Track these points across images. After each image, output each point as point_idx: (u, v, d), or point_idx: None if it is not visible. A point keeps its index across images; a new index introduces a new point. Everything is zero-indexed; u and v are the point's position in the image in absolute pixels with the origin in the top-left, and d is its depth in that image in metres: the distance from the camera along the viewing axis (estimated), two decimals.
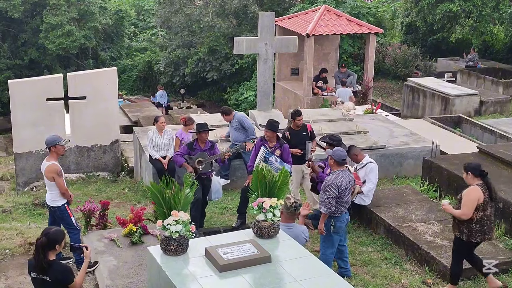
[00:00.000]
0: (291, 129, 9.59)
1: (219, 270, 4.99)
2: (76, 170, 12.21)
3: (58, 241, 5.25)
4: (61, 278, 5.23)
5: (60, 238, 5.28)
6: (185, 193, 5.29)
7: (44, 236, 5.22)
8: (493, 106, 17.36)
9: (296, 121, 9.50)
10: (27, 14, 24.38)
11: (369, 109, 15.91)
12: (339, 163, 7.15)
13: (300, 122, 9.53)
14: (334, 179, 7.04)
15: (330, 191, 6.99)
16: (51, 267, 5.20)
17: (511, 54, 23.87)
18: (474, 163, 7.00)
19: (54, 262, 5.26)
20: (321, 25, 17.64)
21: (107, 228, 8.34)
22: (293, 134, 9.41)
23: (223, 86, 23.98)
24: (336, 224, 7.12)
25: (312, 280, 4.95)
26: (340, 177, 7.08)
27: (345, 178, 7.13)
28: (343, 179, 7.08)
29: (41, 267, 5.19)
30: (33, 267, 5.29)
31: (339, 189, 7.00)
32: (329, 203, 6.99)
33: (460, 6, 19.94)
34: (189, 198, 5.34)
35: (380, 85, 22.11)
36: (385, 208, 8.92)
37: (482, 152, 10.20)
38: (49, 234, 5.23)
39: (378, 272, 7.66)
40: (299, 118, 9.48)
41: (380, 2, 28.78)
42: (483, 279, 7.31)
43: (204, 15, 23.65)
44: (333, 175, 7.14)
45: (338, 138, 8.52)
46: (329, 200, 6.99)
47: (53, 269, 5.20)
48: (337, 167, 7.17)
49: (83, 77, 12.49)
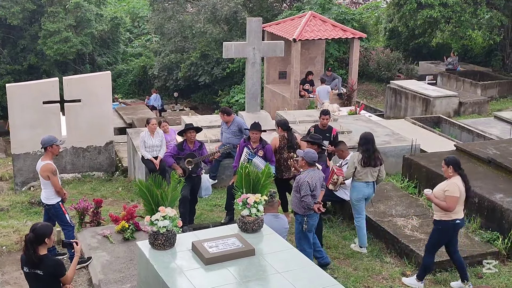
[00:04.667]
0: (317, 127, 9.77)
1: (205, 263, 5.03)
2: (72, 170, 12.33)
3: (46, 235, 5.24)
4: (53, 272, 5.27)
5: (47, 232, 5.26)
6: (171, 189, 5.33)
7: (31, 231, 5.22)
8: (472, 107, 17.70)
9: (322, 119, 9.71)
10: (26, 21, 24.53)
11: (353, 110, 16.21)
12: (310, 164, 7.24)
13: (324, 121, 9.68)
14: (305, 177, 7.12)
15: (303, 190, 7.06)
16: (42, 262, 5.22)
17: (489, 58, 24.13)
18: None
19: (46, 256, 5.28)
20: (307, 30, 17.93)
21: (101, 225, 8.43)
22: (317, 132, 9.51)
23: (215, 89, 24.17)
24: (309, 223, 7.24)
25: (294, 271, 4.98)
26: (311, 176, 7.16)
27: (315, 176, 7.22)
28: (314, 177, 7.17)
29: (32, 262, 5.21)
30: (25, 261, 5.30)
31: (310, 186, 7.07)
32: (305, 202, 7.07)
33: (440, 12, 20.22)
34: (176, 195, 5.36)
35: (364, 88, 22.29)
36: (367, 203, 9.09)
37: (459, 150, 10.39)
38: (36, 229, 5.22)
39: (360, 265, 7.82)
40: (324, 117, 9.68)
41: (364, 9, 29.03)
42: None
43: (196, 21, 23.89)
44: (303, 174, 7.22)
45: (318, 137, 8.56)
46: (305, 199, 7.06)
47: (44, 264, 5.23)
48: (307, 167, 7.25)
49: (78, 80, 12.53)
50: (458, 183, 6.84)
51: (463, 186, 6.86)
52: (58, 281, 5.37)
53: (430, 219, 8.67)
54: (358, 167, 7.99)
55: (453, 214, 6.87)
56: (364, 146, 8.01)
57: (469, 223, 8.66)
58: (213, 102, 24.22)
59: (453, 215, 6.87)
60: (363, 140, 8.09)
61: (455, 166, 6.89)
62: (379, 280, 7.51)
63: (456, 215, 6.89)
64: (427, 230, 8.28)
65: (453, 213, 6.85)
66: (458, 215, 6.91)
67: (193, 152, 8.79)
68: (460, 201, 6.84)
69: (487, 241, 8.15)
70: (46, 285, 5.34)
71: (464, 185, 6.87)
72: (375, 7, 29.81)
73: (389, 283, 7.45)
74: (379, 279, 7.53)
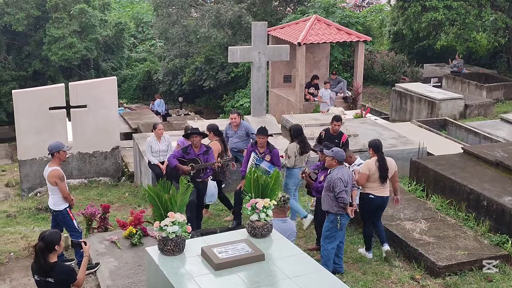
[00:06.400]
0: (328, 131, 9.85)
1: (215, 268, 5.01)
2: (78, 175, 12.36)
3: (55, 242, 5.25)
4: (65, 278, 5.28)
5: (56, 239, 5.27)
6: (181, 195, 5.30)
7: (40, 240, 5.23)
8: (477, 109, 17.67)
9: (333, 125, 9.77)
10: (30, 27, 24.64)
11: (358, 114, 16.10)
12: (340, 162, 7.34)
13: (336, 127, 9.75)
14: (336, 174, 7.21)
15: (337, 187, 7.14)
16: (54, 269, 5.23)
17: (493, 60, 24.08)
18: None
19: (57, 263, 5.29)
20: (312, 34, 17.90)
21: (108, 231, 8.46)
22: (327, 137, 9.65)
23: (220, 93, 24.20)
24: (341, 221, 7.31)
25: (304, 277, 4.96)
26: (342, 172, 7.25)
27: (346, 172, 7.33)
28: (345, 174, 7.27)
29: (43, 270, 5.22)
30: (36, 270, 5.32)
31: (343, 182, 7.17)
32: (341, 197, 7.14)
33: (445, 15, 20.15)
34: (185, 200, 5.33)
35: (369, 91, 22.26)
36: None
37: (466, 152, 10.38)
38: (45, 237, 5.23)
39: (369, 269, 7.81)
40: (335, 123, 9.76)
41: (368, 12, 29.01)
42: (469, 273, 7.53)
43: (200, 26, 23.89)
44: (333, 172, 7.28)
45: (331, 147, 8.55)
46: (341, 195, 7.13)
47: (56, 271, 5.24)
48: (337, 165, 7.34)
49: (84, 86, 12.56)
50: (371, 163, 7.87)
51: (376, 166, 7.78)
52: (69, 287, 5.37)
53: (438, 223, 8.73)
54: (297, 156, 8.92)
55: (368, 189, 7.88)
56: (299, 137, 9.01)
57: (478, 226, 8.65)
58: (217, 106, 24.26)
59: (367, 190, 7.88)
60: (296, 132, 9.03)
61: (374, 148, 7.98)
62: (388, 284, 7.50)
63: (371, 190, 7.86)
64: (436, 234, 8.32)
65: (368, 188, 7.87)
66: (374, 191, 7.85)
67: (198, 156, 8.76)
68: (371, 178, 7.80)
69: (496, 244, 8.12)
70: None
71: (378, 166, 7.78)
72: (379, 10, 29.77)
73: (398, 287, 7.44)
74: (388, 283, 7.53)
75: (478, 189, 8.86)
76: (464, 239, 8.23)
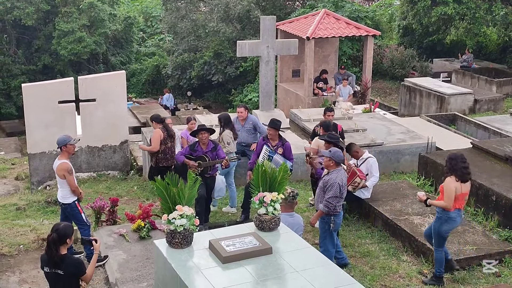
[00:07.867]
0: None
1: (222, 261, 5.02)
2: (87, 169, 12.36)
3: (68, 235, 5.35)
4: (74, 271, 5.36)
5: (69, 232, 5.38)
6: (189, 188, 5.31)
7: (54, 232, 5.31)
8: (487, 104, 17.60)
9: (326, 116, 9.82)
10: (40, 21, 24.70)
11: (367, 108, 16.18)
12: (338, 163, 7.27)
13: (329, 117, 9.80)
14: (336, 178, 7.14)
15: (332, 191, 7.09)
16: (63, 261, 5.30)
17: (504, 55, 23.95)
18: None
19: (66, 256, 5.37)
20: (321, 28, 17.85)
21: (117, 224, 8.49)
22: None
23: (228, 88, 24.22)
24: (336, 222, 7.30)
25: (312, 270, 4.97)
26: (341, 176, 7.20)
27: (344, 176, 7.29)
28: (343, 178, 7.23)
29: (54, 262, 5.28)
30: (46, 261, 5.37)
31: (341, 188, 7.13)
32: (330, 203, 7.09)
33: (455, 9, 20.10)
34: (193, 193, 5.35)
35: (378, 85, 22.23)
36: (383, 202, 9.08)
37: (476, 147, 10.36)
38: (58, 229, 5.32)
39: (377, 263, 7.82)
40: (328, 114, 9.87)
41: (377, 6, 28.94)
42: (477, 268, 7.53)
43: (209, 20, 23.91)
44: (333, 175, 7.21)
45: (336, 137, 8.52)
46: (331, 200, 7.09)
47: (66, 263, 5.31)
48: (335, 167, 7.28)
49: (93, 80, 12.52)
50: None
51: None
52: (77, 280, 5.44)
53: None
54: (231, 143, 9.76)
55: None
56: (229, 125, 9.82)
57: (486, 221, 8.63)
58: (226, 101, 24.25)
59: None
60: (226, 121, 9.84)
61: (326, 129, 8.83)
62: (396, 279, 7.50)
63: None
64: None
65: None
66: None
67: (206, 153, 8.75)
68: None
69: (505, 239, 8.12)
70: (65, 284, 5.42)
71: None
72: (388, 5, 29.69)
73: (406, 281, 7.44)
74: (396, 277, 7.54)
75: (487, 184, 8.84)
76: (473, 234, 8.21)
